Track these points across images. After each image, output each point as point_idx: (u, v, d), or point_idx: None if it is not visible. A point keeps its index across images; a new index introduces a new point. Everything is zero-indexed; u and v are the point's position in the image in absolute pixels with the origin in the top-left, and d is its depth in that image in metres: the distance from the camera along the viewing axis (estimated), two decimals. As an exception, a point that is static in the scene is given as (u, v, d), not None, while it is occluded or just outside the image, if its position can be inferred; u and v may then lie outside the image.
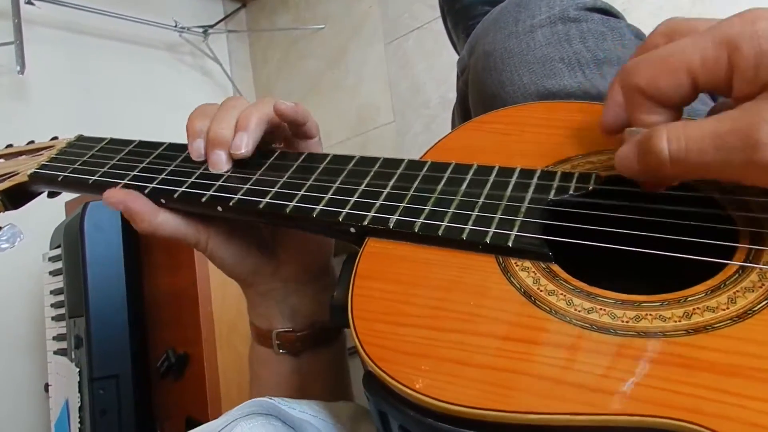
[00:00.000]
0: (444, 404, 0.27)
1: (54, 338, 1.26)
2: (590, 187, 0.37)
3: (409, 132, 1.70)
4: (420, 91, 1.68)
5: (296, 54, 1.99)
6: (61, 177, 0.50)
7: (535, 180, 0.39)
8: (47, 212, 0.55)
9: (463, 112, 0.78)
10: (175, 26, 1.83)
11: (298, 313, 0.51)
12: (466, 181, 0.40)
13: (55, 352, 1.25)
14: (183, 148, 0.50)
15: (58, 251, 1.23)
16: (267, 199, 0.43)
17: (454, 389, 0.28)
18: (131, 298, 1.14)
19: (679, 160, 0.29)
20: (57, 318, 1.25)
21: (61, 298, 1.22)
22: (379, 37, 1.78)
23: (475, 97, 0.68)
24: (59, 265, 1.23)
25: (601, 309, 0.30)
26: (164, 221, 0.46)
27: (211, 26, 1.92)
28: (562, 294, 0.32)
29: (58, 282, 1.24)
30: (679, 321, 0.29)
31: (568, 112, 0.49)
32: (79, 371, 1.11)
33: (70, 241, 1.16)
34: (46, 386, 1.28)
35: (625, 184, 0.36)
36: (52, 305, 1.28)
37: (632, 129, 0.33)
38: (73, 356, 1.13)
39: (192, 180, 0.46)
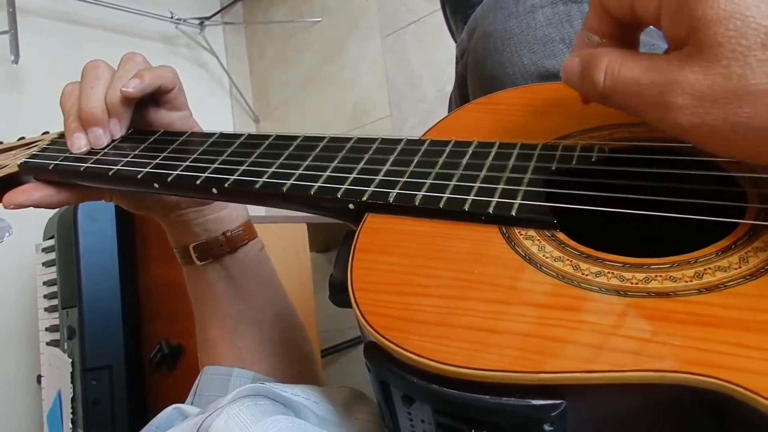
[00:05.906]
0: (449, 367, 0.27)
1: (47, 329, 1.25)
2: (593, 158, 0.37)
3: (405, 126, 1.70)
4: (416, 85, 1.68)
5: (293, 47, 1.98)
6: (52, 165, 0.49)
7: (537, 152, 0.38)
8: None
9: (462, 97, 0.78)
10: (172, 18, 1.82)
11: (206, 229, 0.56)
12: (467, 156, 0.39)
13: (47, 343, 1.24)
14: (180, 135, 0.50)
15: (51, 242, 1.22)
16: (264, 179, 0.42)
17: (460, 353, 0.27)
18: (125, 289, 1.13)
19: (607, 96, 0.30)
20: (50, 309, 1.25)
21: (55, 289, 1.21)
22: (375, 31, 1.77)
23: (475, 80, 0.68)
24: (52, 256, 1.22)
25: (609, 272, 0.30)
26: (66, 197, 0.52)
27: (208, 18, 1.91)
28: (568, 260, 0.31)
29: (52, 273, 1.23)
30: (690, 281, 0.28)
31: (569, 91, 0.49)
32: (72, 362, 1.10)
33: (64, 231, 1.15)
34: (39, 377, 1.28)
35: (630, 159, 0.35)
36: (45, 296, 1.27)
37: (587, 33, 0.33)
38: (65, 347, 1.13)
39: (187, 164, 0.46)
